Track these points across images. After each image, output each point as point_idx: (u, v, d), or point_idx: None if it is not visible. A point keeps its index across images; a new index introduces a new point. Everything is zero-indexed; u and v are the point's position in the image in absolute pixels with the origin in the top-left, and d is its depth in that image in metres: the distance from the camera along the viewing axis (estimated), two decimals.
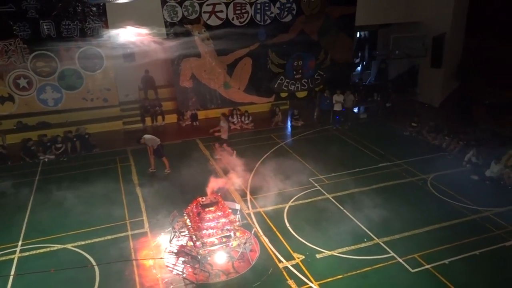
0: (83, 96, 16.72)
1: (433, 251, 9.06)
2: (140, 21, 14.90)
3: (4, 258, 9.22)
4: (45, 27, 14.86)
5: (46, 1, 14.54)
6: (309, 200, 11.37)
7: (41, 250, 9.51)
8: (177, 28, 16.40)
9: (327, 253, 9.07)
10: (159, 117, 17.94)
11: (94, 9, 15.19)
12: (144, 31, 15.09)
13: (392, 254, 9.00)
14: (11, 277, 8.58)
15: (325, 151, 14.61)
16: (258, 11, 17.05)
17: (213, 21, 16.70)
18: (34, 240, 9.87)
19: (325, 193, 11.65)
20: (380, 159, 13.91)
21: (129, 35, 15.19)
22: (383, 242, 9.39)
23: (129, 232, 10.08)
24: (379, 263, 8.76)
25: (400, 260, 8.80)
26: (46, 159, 14.55)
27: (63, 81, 16.23)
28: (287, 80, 18.81)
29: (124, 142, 15.94)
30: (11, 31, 14.64)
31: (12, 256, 9.28)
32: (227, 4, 16.44)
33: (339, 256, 8.99)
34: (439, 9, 18.01)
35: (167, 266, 8.82)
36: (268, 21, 17.42)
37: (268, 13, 17.22)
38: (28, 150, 14.53)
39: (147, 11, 15.52)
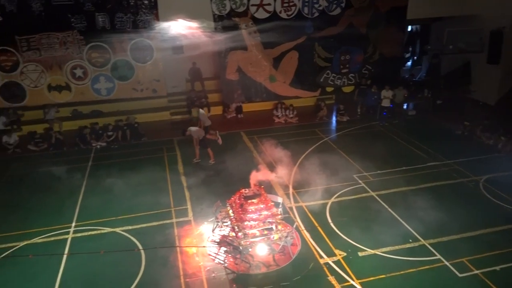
0: (133, 86, 17.33)
1: (483, 256, 8.66)
2: (189, 14, 15.20)
3: (59, 237, 9.80)
4: (100, 19, 15.54)
5: None
6: (352, 197, 11.19)
7: (92, 232, 10.01)
8: (224, 21, 16.60)
9: (370, 251, 8.91)
10: (205, 109, 18.22)
11: (146, 2, 15.68)
12: (192, 23, 15.38)
13: (439, 256, 8.70)
14: (65, 255, 9.11)
15: (370, 147, 14.28)
16: (306, 4, 16.89)
17: (261, 14, 16.75)
18: (85, 222, 10.40)
19: (370, 191, 11.42)
20: (428, 158, 13.42)
21: (178, 28, 15.55)
22: (429, 244, 9.09)
23: (174, 220, 10.39)
24: (424, 265, 8.50)
25: (447, 264, 8.49)
26: (98, 146, 15.25)
27: (115, 71, 16.91)
28: (333, 74, 18.57)
29: (171, 132, 16.36)
30: (69, 23, 15.45)
31: (66, 236, 9.84)
32: None
33: (382, 255, 8.80)
34: (498, 2, 16.98)
35: (209, 255, 9.02)
36: (316, 14, 17.23)
37: (316, 6, 17.03)
38: (83, 137, 15.29)
39: (196, 4, 15.83)
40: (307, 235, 9.54)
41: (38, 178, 12.70)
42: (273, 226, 8.85)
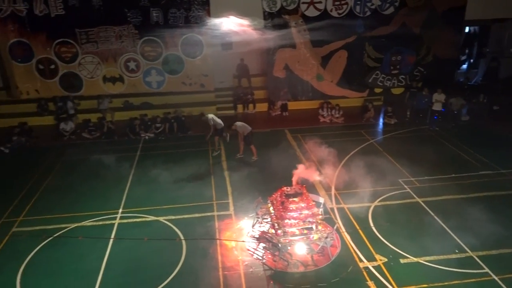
0: (182, 80, 17.78)
1: None
2: (239, 11, 15.35)
3: (106, 222, 10.27)
4: (154, 14, 16.08)
5: None
6: (397, 201, 10.88)
7: (137, 220, 10.40)
8: (274, 18, 16.66)
9: (412, 259, 8.63)
10: (251, 105, 18.41)
11: None
12: (243, 20, 15.51)
13: (487, 270, 8.27)
14: (111, 239, 9.54)
15: (418, 152, 13.79)
16: (359, 2, 16.58)
17: (311, 12, 16.64)
18: (131, 209, 10.81)
19: (415, 197, 11.05)
20: (481, 166, 12.77)
21: (228, 24, 15.75)
22: (477, 256, 8.67)
23: (215, 213, 10.58)
24: (470, 278, 8.12)
25: (496, 278, 8.06)
26: (147, 137, 15.79)
27: (166, 65, 17.42)
28: (383, 75, 18.13)
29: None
30: (125, 17, 16.10)
31: (113, 222, 10.28)
32: None
33: (425, 264, 8.50)
34: None
35: (248, 250, 9.11)
36: (368, 13, 16.87)
37: (369, 4, 16.67)
38: (132, 128, 15.90)
39: (247, 1, 16.00)
40: (347, 237, 9.39)
41: (90, 164, 13.34)
42: (313, 226, 8.78)
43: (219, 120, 13.83)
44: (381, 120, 17.33)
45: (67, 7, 15.67)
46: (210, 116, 13.70)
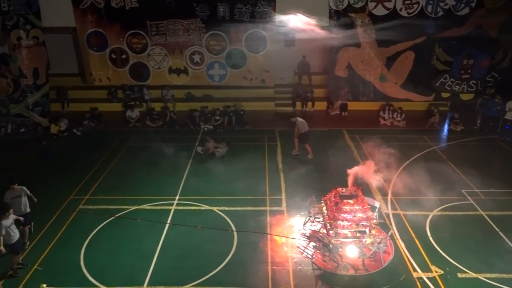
0: (244, 75, 18.04)
1: None
2: (305, 8, 15.25)
3: (164, 207, 10.74)
4: (221, 9, 16.45)
5: None
6: (458, 212, 10.33)
7: (192, 208, 10.76)
8: (340, 16, 16.38)
9: (471, 274, 8.17)
10: (309, 103, 18.28)
11: None
12: (307, 17, 15.38)
13: None
14: (167, 224, 9.97)
15: (486, 162, 12.98)
16: (431, 2, 15.86)
17: (379, 11, 16.16)
18: (187, 197, 11.21)
19: (479, 209, 10.42)
20: None
21: (293, 21, 15.69)
22: None
23: (268, 208, 10.68)
24: None
25: None
26: (206, 129, 16.24)
27: (229, 59, 17.76)
28: (451, 79, 17.21)
29: (274, 122, 16.73)
30: (194, 12, 16.60)
31: (170, 208, 10.73)
32: None
33: (485, 281, 8.02)
34: None
35: (298, 247, 9.11)
36: (440, 13, 16.08)
37: (442, 4, 15.88)
38: (193, 119, 16.41)
39: None
40: (402, 245, 9.09)
41: (151, 151, 13.95)
42: (367, 230, 8.59)
43: (304, 124, 13.51)
44: (446, 127, 16.44)
45: (141, 0, 16.46)
46: (300, 120, 13.41)
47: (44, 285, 7.91)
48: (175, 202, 10.99)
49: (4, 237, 7.97)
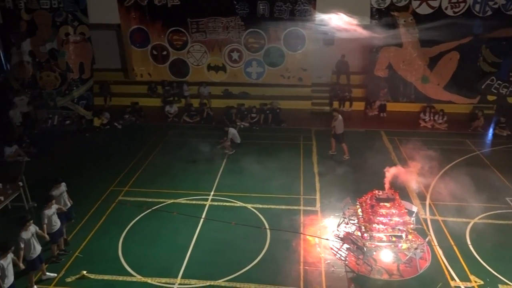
0: (281, 73, 18.00)
1: None
2: (346, 6, 15.00)
3: (199, 202, 10.93)
4: (261, 7, 16.49)
5: None
6: (501, 221, 9.90)
7: (226, 204, 10.89)
8: (382, 15, 16.04)
9: None
10: (347, 103, 18.01)
11: None
12: (348, 16, 15.14)
13: None
14: (202, 219, 10.14)
15: None
16: (479, 1, 15.21)
17: (423, 9, 15.70)
18: (222, 193, 11.36)
19: None
20: None
21: (333, 19, 15.48)
22: None
23: (301, 207, 10.64)
24: None
25: None
26: (242, 126, 16.36)
27: (267, 57, 17.77)
28: (498, 81, 16.46)
29: (310, 121, 16.61)
30: (234, 9, 16.73)
31: (205, 203, 10.91)
32: None
33: None
34: None
35: (331, 249, 9.03)
36: (489, 12, 15.42)
37: (491, 3, 15.23)
38: (229, 116, 16.57)
39: None
40: (439, 252, 8.82)
41: (188, 146, 14.20)
42: (403, 235, 8.40)
43: (341, 125, 13.30)
44: (491, 131, 15.74)
45: None
46: (340, 118, 13.17)
47: (84, 272, 8.28)
48: (210, 197, 11.16)
49: (46, 225, 8.36)
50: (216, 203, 10.90)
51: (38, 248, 7.83)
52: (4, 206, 9.79)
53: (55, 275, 8.31)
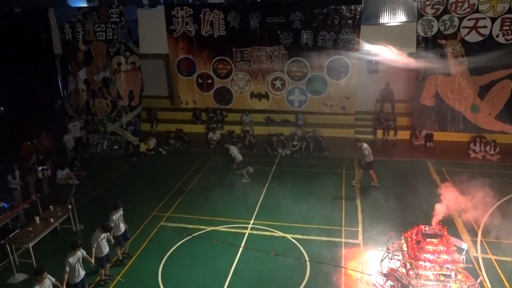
0: (324, 101, 17.91)
1: None
2: (391, 34, 14.86)
3: (239, 230, 10.92)
4: (304, 36, 16.69)
5: (310, 13, 16.25)
6: None
7: (266, 233, 10.80)
8: (429, 43, 15.72)
9: None
10: (391, 132, 17.58)
11: (350, 21, 16.04)
12: (393, 44, 14.96)
13: None
14: (241, 248, 10.09)
15: None
16: None
17: (473, 37, 15.24)
18: (262, 222, 11.28)
19: None
20: None
21: (377, 48, 15.36)
22: None
23: (343, 239, 10.35)
24: None
25: None
26: (283, 154, 16.34)
27: (310, 85, 17.79)
28: None
29: (352, 150, 16.27)
30: (278, 39, 17.02)
31: (244, 231, 10.87)
32: (493, 19, 14.71)
33: None
34: None
35: (374, 285, 8.67)
36: None
37: None
38: (270, 143, 16.63)
39: (401, 25, 15.34)
40: None
41: (230, 173, 14.26)
42: (452, 274, 7.91)
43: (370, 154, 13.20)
44: None
45: (228, 29, 17.31)
46: (365, 145, 13.17)
47: None
48: (250, 226, 11.12)
49: (96, 249, 8.63)
50: (255, 232, 10.84)
51: (82, 273, 8.09)
52: (53, 228, 10.24)
53: None
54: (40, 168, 13.27)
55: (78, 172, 14.52)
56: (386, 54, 15.10)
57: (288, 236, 10.56)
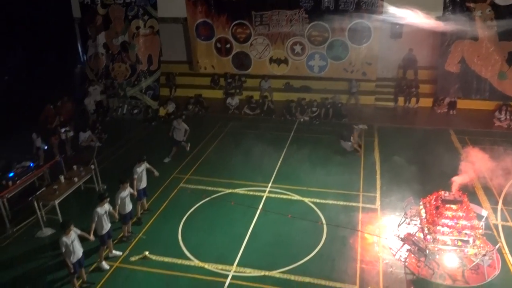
0: (344, 67, 17.57)
1: None
2: None
3: (256, 193, 11.03)
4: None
5: None
6: None
7: (283, 196, 10.89)
8: (456, 6, 15.08)
9: None
10: (413, 99, 17.20)
11: None
12: (419, 7, 14.40)
13: None
14: (259, 210, 10.24)
15: None
16: None
17: (503, 0, 14.49)
18: (279, 186, 11.36)
19: None
20: None
21: (402, 11, 14.82)
22: None
23: (360, 204, 10.37)
24: None
25: None
26: (302, 120, 16.23)
27: (330, 51, 17.43)
28: None
29: (373, 117, 16.06)
30: (298, 2, 16.58)
31: (262, 194, 10.99)
32: None
33: None
34: None
35: (390, 249, 8.73)
36: None
37: None
38: (289, 109, 16.51)
39: None
40: (511, 260, 8.19)
41: (248, 138, 14.32)
42: (470, 240, 7.89)
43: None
44: None
45: None
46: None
47: (147, 253, 8.71)
48: (268, 189, 11.22)
49: (119, 206, 8.90)
50: (273, 195, 10.95)
51: (107, 226, 8.40)
52: (77, 187, 10.55)
53: (121, 253, 8.84)
54: (63, 130, 13.56)
55: (99, 135, 14.78)
56: (411, 17, 14.56)
57: (306, 200, 10.64)
